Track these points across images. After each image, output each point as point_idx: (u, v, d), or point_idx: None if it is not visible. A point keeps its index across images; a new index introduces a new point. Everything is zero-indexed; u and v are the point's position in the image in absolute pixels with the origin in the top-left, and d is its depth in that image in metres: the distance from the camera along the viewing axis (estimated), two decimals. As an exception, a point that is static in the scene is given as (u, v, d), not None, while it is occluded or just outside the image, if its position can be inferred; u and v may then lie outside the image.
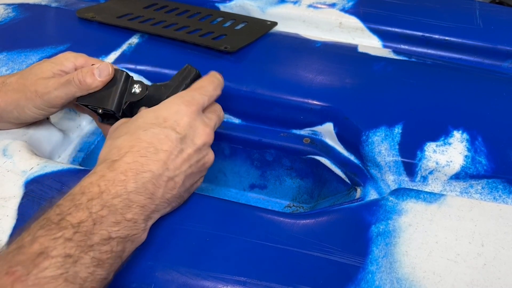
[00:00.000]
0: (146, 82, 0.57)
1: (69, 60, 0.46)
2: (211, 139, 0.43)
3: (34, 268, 0.29)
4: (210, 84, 0.45)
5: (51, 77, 0.45)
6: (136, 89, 0.46)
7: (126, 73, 0.46)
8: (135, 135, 0.38)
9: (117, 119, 0.45)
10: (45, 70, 0.45)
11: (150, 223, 0.37)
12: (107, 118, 0.48)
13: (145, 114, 0.41)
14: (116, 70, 0.45)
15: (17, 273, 0.28)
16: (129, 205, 0.34)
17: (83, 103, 0.45)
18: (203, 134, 0.41)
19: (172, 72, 0.58)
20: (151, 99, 0.46)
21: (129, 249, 0.35)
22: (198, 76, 0.48)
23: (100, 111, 0.46)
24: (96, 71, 0.43)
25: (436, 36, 0.66)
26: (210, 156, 0.43)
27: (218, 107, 0.46)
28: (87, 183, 0.34)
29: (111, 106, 0.45)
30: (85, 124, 0.57)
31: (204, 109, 0.44)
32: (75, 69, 0.46)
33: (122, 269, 0.36)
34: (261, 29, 0.67)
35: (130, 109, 0.46)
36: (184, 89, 0.46)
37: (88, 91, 0.44)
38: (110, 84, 0.45)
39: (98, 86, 0.44)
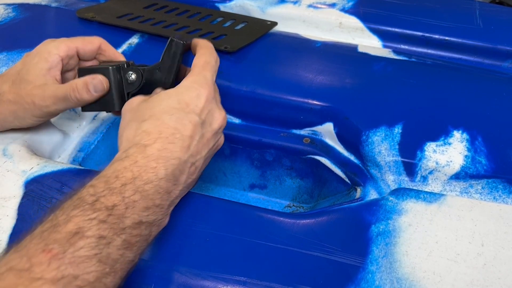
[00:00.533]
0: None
1: (52, 53, 0.46)
2: (225, 122, 0.44)
3: (70, 246, 0.29)
4: (212, 57, 0.45)
5: (43, 82, 0.44)
6: (132, 76, 0.45)
7: (115, 67, 0.45)
8: (161, 119, 0.39)
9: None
10: (35, 75, 0.44)
11: (172, 208, 0.38)
12: None
13: (166, 97, 0.41)
14: (107, 71, 0.44)
15: (53, 250, 0.29)
16: (159, 191, 0.35)
17: (88, 111, 0.46)
18: (219, 117, 0.43)
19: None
20: (148, 84, 0.46)
21: (154, 233, 0.36)
22: (187, 47, 0.47)
23: (106, 113, 0.46)
24: (91, 87, 0.44)
25: (436, 36, 0.66)
26: (222, 139, 0.44)
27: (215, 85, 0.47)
28: (121, 167, 0.35)
29: (117, 108, 0.45)
30: (85, 124, 0.57)
31: None
32: (61, 60, 0.46)
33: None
34: (261, 29, 0.67)
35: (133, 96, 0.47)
36: (177, 66, 0.46)
37: (87, 103, 0.45)
38: None
39: (95, 99, 0.45)
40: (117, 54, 0.50)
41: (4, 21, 0.67)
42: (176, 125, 0.39)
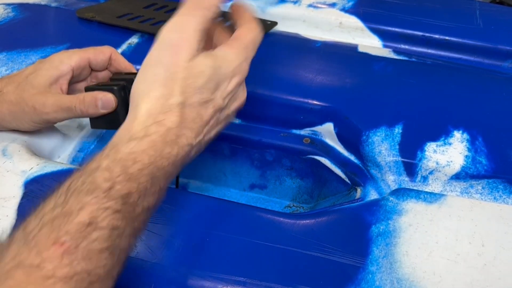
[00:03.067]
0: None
1: (64, 62, 0.46)
2: (244, 103, 0.42)
3: (83, 240, 0.28)
4: (259, 35, 0.42)
5: (48, 90, 0.44)
6: None
7: (120, 86, 0.44)
8: (190, 101, 0.36)
9: None
10: (42, 81, 0.44)
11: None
12: None
13: (207, 70, 0.37)
14: (111, 91, 0.44)
15: (66, 244, 0.27)
16: (166, 176, 0.34)
17: (95, 127, 0.46)
18: (240, 100, 0.41)
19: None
20: None
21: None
22: None
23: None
24: (99, 102, 0.43)
25: (436, 36, 0.66)
26: (238, 102, 0.42)
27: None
28: (139, 150, 0.33)
29: None
30: (85, 124, 0.57)
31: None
32: (72, 70, 0.46)
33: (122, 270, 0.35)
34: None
35: None
36: None
37: (89, 117, 0.45)
38: None
39: (99, 115, 0.44)
40: (127, 64, 0.50)
41: (3, 21, 0.67)
42: (200, 109, 0.37)
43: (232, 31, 0.42)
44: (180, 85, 0.36)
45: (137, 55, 0.60)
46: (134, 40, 0.64)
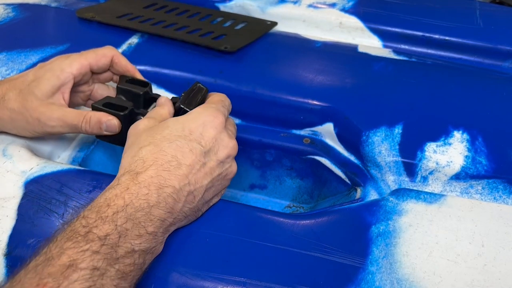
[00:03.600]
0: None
1: (65, 71, 0.46)
2: (235, 151, 0.43)
3: (64, 280, 0.29)
4: (226, 99, 0.46)
5: (51, 101, 0.45)
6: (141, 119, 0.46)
7: (127, 113, 0.45)
8: (160, 146, 0.38)
9: None
10: (44, 90, 0.44)
11: (166, 235, 0.38)
12: None
13: (172, 124, 0.41)
14: (118, 116, 0.45)
15: (48, 284, 0.29)
16: (151, 219, 0.35)
17: (102, 140, 0.47)
18: (227, 147, 0.41)
19: (172, 72, 0.58)
20: None
21: (148, 261, 0.35)
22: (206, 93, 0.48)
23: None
24: (103, 126, 0.44)
25: (436, 36, 0.66)
26: (232, 168, 0.43)
27: (232, 120, 0.47)
28: (112, 195, 0.35)
29: None
30: (85, 124, 0.57)
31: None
32: (73, 78, 0.46)
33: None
34: (261, 29, 0.67)
35: None
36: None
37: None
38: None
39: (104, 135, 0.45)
40: (129, 66, 0.50)
41: (4, 21, 0.67)
42: (175, 152, 0.38)
43: None
44: (147, 135, 0.40)
45: (137, 55, 0.60)
46: (134, 40, 0.64)
